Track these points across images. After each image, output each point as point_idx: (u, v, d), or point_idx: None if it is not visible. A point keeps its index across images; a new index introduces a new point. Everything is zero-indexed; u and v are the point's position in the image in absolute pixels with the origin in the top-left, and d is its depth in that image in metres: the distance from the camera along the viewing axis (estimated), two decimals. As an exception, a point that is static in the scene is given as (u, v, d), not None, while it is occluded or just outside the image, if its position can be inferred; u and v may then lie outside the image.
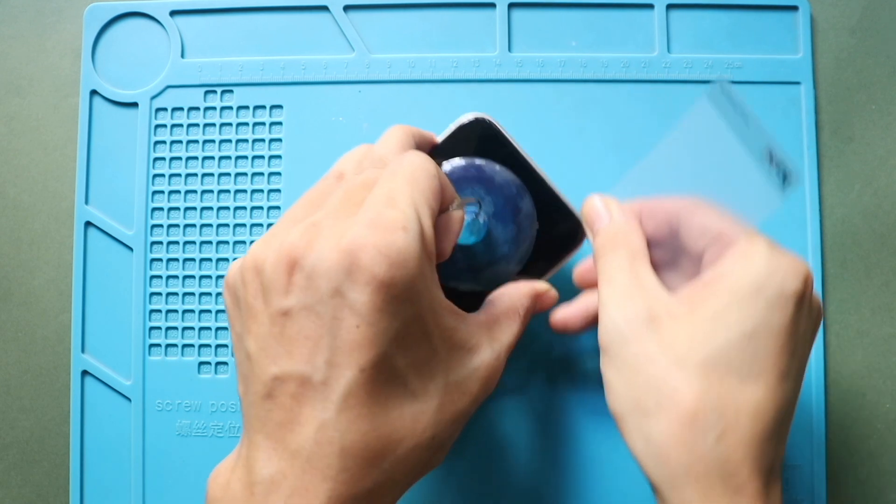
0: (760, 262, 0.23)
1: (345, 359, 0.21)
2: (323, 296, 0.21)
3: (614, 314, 0.25)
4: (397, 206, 0.22)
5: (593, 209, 0.28)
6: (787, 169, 0.23)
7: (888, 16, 0.36)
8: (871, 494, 0.34)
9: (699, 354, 0.23)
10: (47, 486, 0.36)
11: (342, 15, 0.36)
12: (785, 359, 0.23)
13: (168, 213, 0.35)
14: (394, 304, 0.21)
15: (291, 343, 0.21)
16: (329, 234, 0.21)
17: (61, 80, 0.37)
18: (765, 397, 0.23)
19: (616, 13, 0.36)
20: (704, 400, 0.22)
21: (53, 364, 0.36)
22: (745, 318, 0.23)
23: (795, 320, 0.23)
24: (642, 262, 0.26)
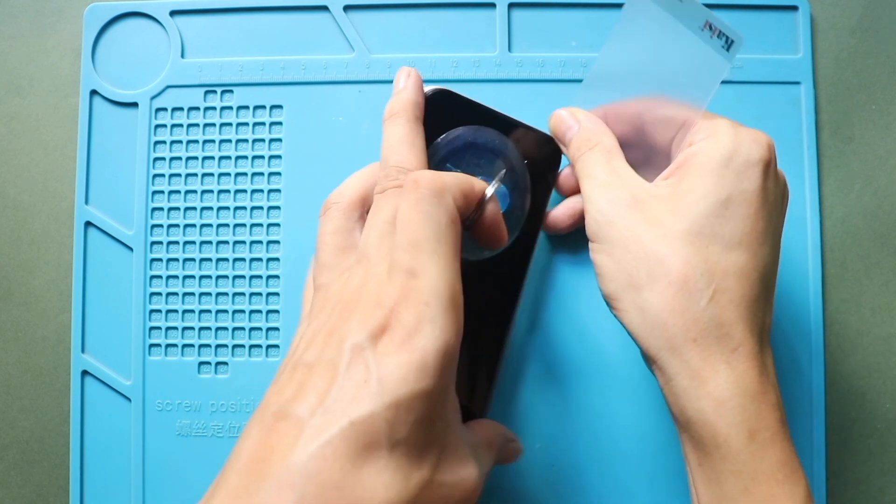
0: (726, 137, 0.26)
1: (340, 408, 0.21)
2: (345, 349, 0.22)
3: (599, 202, 0.27)
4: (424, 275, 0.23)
5: (561, 121, 0.31)
6: (728, 35, 0.25)
7: (888, 16, 0.36)
8: (871, 494, 0.34)
9: (682, 225, 0.25)
10: (47, 486, 0.36)
11: (342, 15, 0.36)
12: (761, 223, 0.25)
13: (168, 213, 0.36)
14: (405, 369, 0.21)
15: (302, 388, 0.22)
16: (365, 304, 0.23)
17: (61, 80, 0.37)
18: (749, 261, 0.25)
19: (616, 13, 0.36)
20: (693, 265, 0.24)
21: (53, 364, 0.36)
22: (719, 187, 0.25)
23: (764, 186, 0.25)
24: (617, 157, 0.28)
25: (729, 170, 0.25)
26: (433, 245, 0.23)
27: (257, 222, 0.35)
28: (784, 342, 0.34)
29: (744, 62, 0.35)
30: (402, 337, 0.22)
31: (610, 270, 0.26)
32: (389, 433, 0.21)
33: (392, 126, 0.28)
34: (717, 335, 0.24)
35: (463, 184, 0.25)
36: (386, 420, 0.21)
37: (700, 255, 0.24)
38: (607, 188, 0.27)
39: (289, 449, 0.20)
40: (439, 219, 0.24)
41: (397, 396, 0.21)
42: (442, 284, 0.23)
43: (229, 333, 0.35)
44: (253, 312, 0.35)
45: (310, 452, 0.20)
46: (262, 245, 0.35)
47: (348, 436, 0.20)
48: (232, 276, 0.35)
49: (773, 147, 0.26)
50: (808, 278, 0.34)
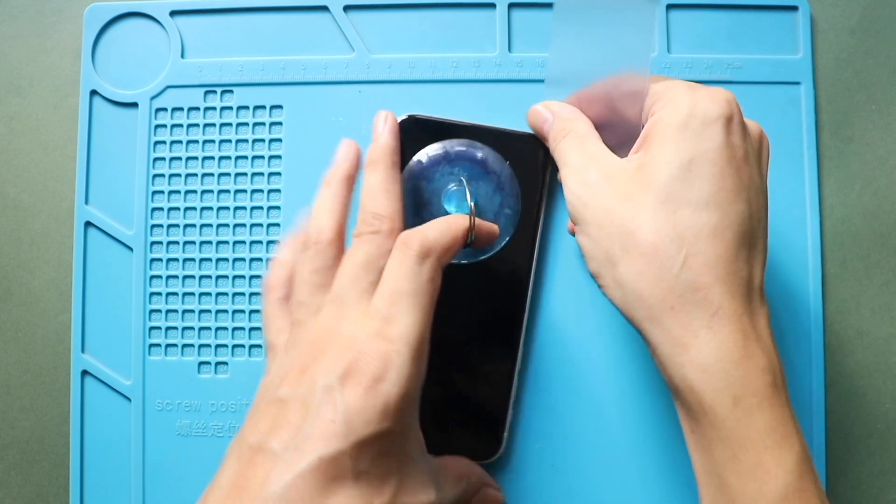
0: (682, 100, 0.25)
1: (310, 445, 0.23)
2: (316, 389, 0.24)
3: (574, 186, 0.27)
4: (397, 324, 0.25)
5: (537, 115, 0.31)
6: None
7: (888, 16, 0.36)
8: (871, 494, 0.34)
9: (649, 194, 0.25)
10: (47, 486, 0.36)
11: (342, 15, 0.36)
12: (729, 180, 0.25)
13: (168, 213, 0.36)
14: (371, 412, 0.23)
15: (276, 423, 0.24)
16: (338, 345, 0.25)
17: (61, 80, 0.37)
18: (721, 221, 0.24)
19: (616, 13, 0.36)
20: (662, 232, 0.24)
21: (53, 364, 0.36)
22: (679, 151, 0.25)
23: (728, 142, 0.25)
24: (591, 140, 0.28)
25: (688, 131, 0.25)
26: (410, 298, 0.25)
27: (257, 222, 0.35)
28: (784, 342, 0.34)
29: (744, 62, 0.35)
30: (368, 381, 0.24)
31: (590, 250, 0.26)
32: (354, 466, 0.23)
33: (371, 174, 0.30)
34: (694, 300, 0.24)
35: (448, 240, 0.27)
36: (351, 457, 0.23)
37: (669, 222, 0.24)
38: (580, 171, 0.27)
39: (264, 480, 0.23)
40: (421, 278, 0.26)
41: (362, 436, 0.23)
42: (413, 334, 0.25)
43: (229, 333, 0.35)
44: (253, 312, 0.35)
45: (284, 483, 0.23)
46: (261, 245, 0.35)
47: (317, 469, 0.23)
48: (232, 276, 0.35)
49: (734, 102, 0.26)
50: (808, 278, 0.34)
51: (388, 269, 0.26)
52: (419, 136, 0.34)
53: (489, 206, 0.33)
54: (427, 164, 0.33)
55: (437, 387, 0.33)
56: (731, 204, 0.24)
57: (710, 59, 0.35)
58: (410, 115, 0.34)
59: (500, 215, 0.33)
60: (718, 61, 0.35)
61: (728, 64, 0.35)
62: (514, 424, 0.34)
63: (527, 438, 0.34)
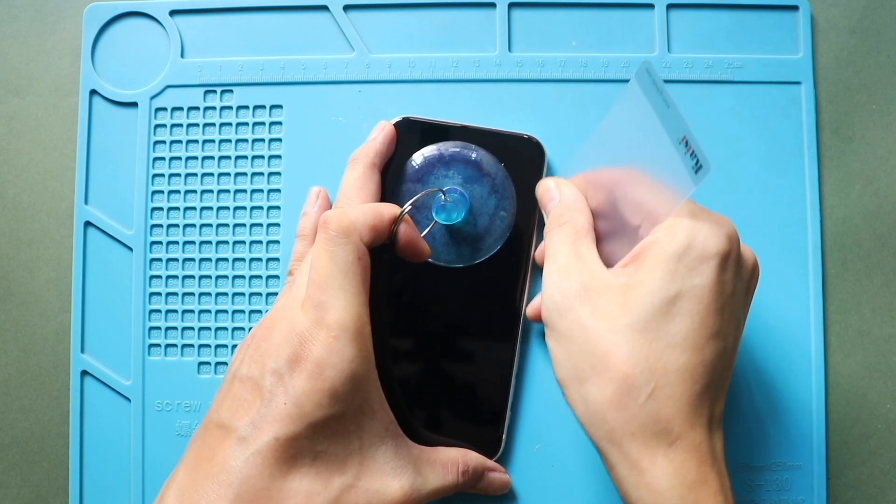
0: (682, 230, 0.25)
1: (267, 426, 0.25)
2: (266, 373, 0.25)
3: (552, 290, 0.27)
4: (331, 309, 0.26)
5: (546, 191, 0.31)
6: (700, 158, 0.24)
7: (888, 16, 0.36)
8: (871, 494, 0.34)
9: (627, 319, 0.24)
10: (47, 486, 0.36)
11: (342, 15, 0.36)
12: (711, 319, 0.24)
13: (168, 213, 0.35)
14: (319, 395, 0.25)
15: (237, 403, 0.26)
16: (282, 327, 0.26)
17: (61, 80, 0.37)
18: (692, 359, 0.24)
19: (616, 13, 0.36)
20: (634, 362, 0.24)
21: (53, 364, 0.36)
22: (668, 283, 0.24)
23: (720, 280, 0.24)
24: (584, 238, 0.28)
25: (681, 264, 0.24)
26: (339, 281, 0.26)
27: (257, 222, 0.35)
28: (784, 342, 0.34)
29: (744, 62, 0.35)
30: (312, 367, 0.25)
31: (559, 359, 0.26)
32: (310, 447, 0.25)
33: (350, 171, 0.32)
34: (655, 430, 0.24)
35: (371, 218, 0.28)
36: (306, 438, 0.25)
37: (642, 353, 0.24)
38: (562, 274, 0.27)
39: (225, 456, 0.25)
40: (344, 257, 0.26)
41: (314, 419, 0.25)
42: (348, 317, 0.26)
43: (229, 333, 0.35)
44: (253, 312, 0.35)
45: (243, 460, 0.24)
46: (261, 245, 0.35)
47: (274, 448, 0.24)
48: (232, 276, 0.35)
49: (734, 236, 0.25)
50: (808, 278, 0.34)
51: (314, 252, 0.27)
52: (414, 137, 0.34)
53: (484, 208, 0.33)
54: (421, 167, 0.33)
55: (436, 388, 0.33)
56: (707, 344, 0.24)
57: (711, 58, 0.35)
58: (405, 117, 0.34)
59: (495, 217, 0.33)
60: (719, 61, 0.35)
61: (728, 64, 0.35)
62: (514, 424, 0.34)
63: (527, 438, 0.34)
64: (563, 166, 0.35)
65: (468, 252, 0.32)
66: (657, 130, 0.25)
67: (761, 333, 0.34)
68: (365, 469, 0.26)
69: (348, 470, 0.26)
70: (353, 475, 0.26)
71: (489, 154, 0.33)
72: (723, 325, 0.25)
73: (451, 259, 0.33)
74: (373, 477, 0.26)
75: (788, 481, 0.34)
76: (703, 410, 0.24)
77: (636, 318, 0.24)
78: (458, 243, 0.33)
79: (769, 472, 0.34)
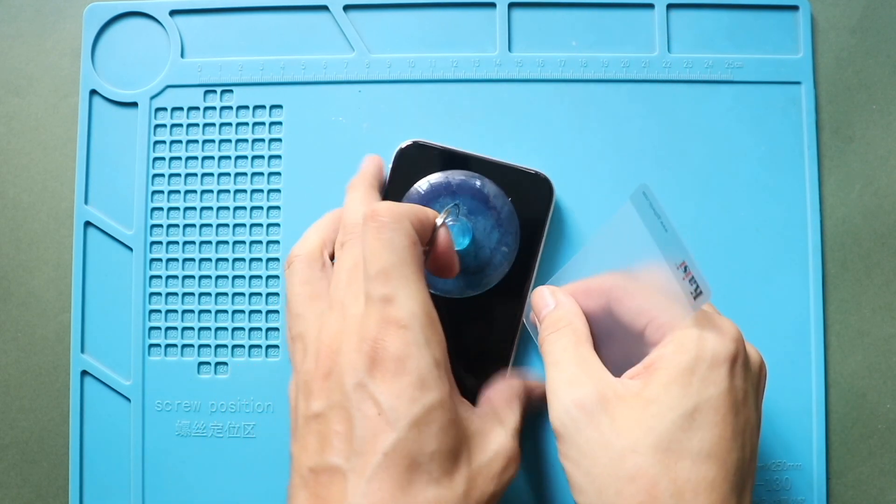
0: (690, 341, 0.24)
1: (369, 446, 0.23)
2: (348, 391, 0.24)
3: (564, 398, 0.26)
4: (396, 301, 0.24)
5: (541, 298, 0.30)
6: (699, 285, 0.24)
7: (888, 16, 0.36)
8: (871, 494, 0.34)
9: (650, 439, 0.24)
10: (47, 486, 0.36)
11: (342, 15, 0.36)
12: (730, 427, 0.24)
13: (168, 213, 0.35)
14: (409, 390, 0.23)
15: (324, 438, 0.24)
16: (350, 340, 0.25)
17: (61, 80, 0.37)
18: (719, 473, 0.24)
19: (616, 13, 0.36)
20: (660, 485, 0.23)
21: (53, 364, 0.36)
22: (684, 398, 0.24)
23: (731, 386, 0.24)
24: (586, 345, 0.27)
25: (695, 377, 0.24)
26: (399, 269, 0.25)
27: (257, 222, 0.35)
28: (784, 342, 0.34)
29: (744, 62, 0.35)
30: (394, 365, 0.24)
31: (580, 483, 0.25)
32: (421, 449, 0.23)
33: (351, 194, 0.31)
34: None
35: (418, 211, 0.27)
36: (413, 440, 0.23)
37: (667, 475, 0.23)
38: (573, 385, 0.26)
39: (341, 497, 0.23)
40: (401, 242, 0.25)
41: (413, 416, 0.23)
42: (416, 305, 0.25)
43: (229, 333, 0.35)
44: (253, 312, 0.35)
45: (361, 493, 0.22)
46: (261, 245, 0.35)
47: (386, 467, 0.23)
48: (232, 276, 0.35)
49: (740, 339, 0.25)
50: (809, 278, 0.34)
51: (365, 246, 0.26)
52: (422, 162, 0.33)
53: (487, 241, 0.32)
54: (427, 193, 0.32)
55: None
56: (729, 453, 0.24)
57: (711, 58, 0.35)
58: (414, 141, 0.33)
59: (496, 252, 0.32)
60: (719, 61, 0.35)
61: (728, 64, 0.35)
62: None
63: (527, 438, 0.34)
64: (572, 203, 0.34)
65: (464, 284, 0.32)
66: (654, 254, 0.25)
67: (761, 333, 0.34)
68: (472, 449, 0.25)
69: (462, 460, 0.25)
70: (467, 462, 0.25)
71: (497, 187, 0.32)
72: (739, 431, 0.24)
73: (448, 289, 0.32)
74: (478, 452, 0.25)
75: (788, 481, 0.34)
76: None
77: (659, 437, 0.24)
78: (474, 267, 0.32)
79: (769, 472, 0.34)
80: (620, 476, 0.24)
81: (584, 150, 0.35)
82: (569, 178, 0.35)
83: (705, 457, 0.24)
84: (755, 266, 0.34)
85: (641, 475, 0.23)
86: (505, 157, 0.34)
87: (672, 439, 0.24)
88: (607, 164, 0.35)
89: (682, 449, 0.24)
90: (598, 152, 0.35)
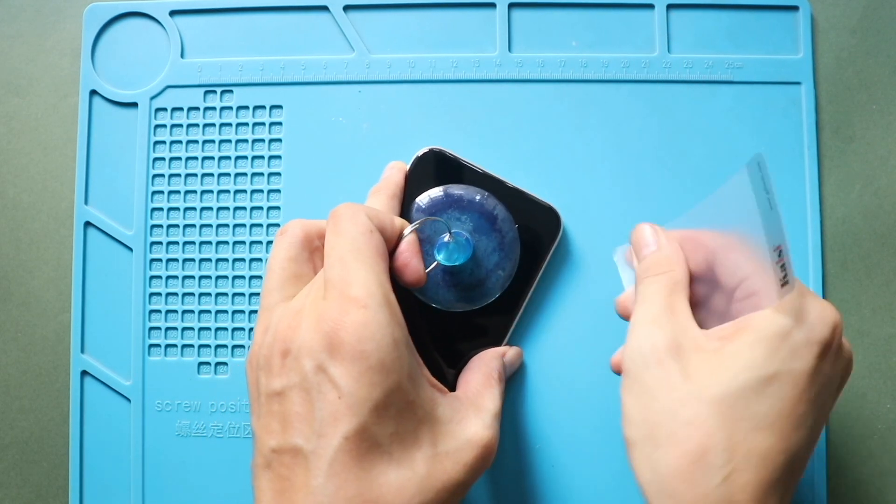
0: (791, 310, 0.23)
1: (329, 428, 0.23)
2: (308, 373, 0.24)
3: (641, 337, 0.25)
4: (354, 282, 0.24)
5: (642, 236, 0.29)
6: (787, 274, 0.23)
7: (888, 16, 0.36)
8: (871, 494, 0.34)
9: (716, 390, 0.23)
10: (47, 486, 0.36)
11: (342, 15, 0.36)
12: (802, 406, 0.23)
13: (168, 213, 0.35)
14: (369, 374, 0.23)
15: (286, 419, 0.24)
16: (309, 319, 0.24)
17: (61, 80, 0.37)
18: (776, 445, 0.23)
19: (616, 13, 0.36)
20: (715, 438, 0.23)
21: (53, 364, 0.36)
22: (767, 362, 0.23)
23: (818, 368, 0.23)
24: (680, 293, 0.26)
25: (783, 346, 0.23)
26: (355, 255, 0.25)
27: (257, 222, 0.35)
28: (784, 342, 0.34)
29: (744, 62, 0.35)
30: (354, 348, 0.23)
31: (633, 415, 0.25)
32: (382, 431, 0.23)
33: (370, 199, 0.32)
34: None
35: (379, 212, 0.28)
36: (374, 423, 0.23)
37: (724, 431, 0.23)
38: (654, 325, 0.25)
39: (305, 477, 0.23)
40: (356, 232, 0.26)
41: (374, 401, 0.23)
42: (374, 286, 0.25)
43: (229, 333, 0.35)
44: (253, 313, 0.35)
45: (324, 473, 0.23)
46: (261, 245, 0.35)
47: (347, 450, 0.23)
48: (232, 277, 0.35)
49: (840, 327, 0.24)
50: (809, 278, 0.34)
51: (327, 240, 0.26)
52: (437, 170, 0.33)
53: (485, 261, 0.32)
54: (436, 201, 0.32)
55: None
56: (794, 430, 0.23)
57: (711, 59, 0.35)
58: (432, 148, 0.33)
59: (492, 274, 0.32)
60: (719, 61, 0.35)
61: (728, 64, 0.35)
62: (514, 426, 0.34)
63: (527, 438, 0.34)
64: (572, 203, 0.34)
65: (454, 298, 0.32)
66: (757, 229, 0.24)
67: (761, 333, 0.34)
68: (437, 434, 0.25)
69: (423, 442, 0.25)
70: (430, 444, 0.25)
71: (507, 211, 0.32)
72: (810, 413, 0.23)
73: (438, 300, 0.32)
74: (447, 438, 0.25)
75: (788, 481, 0.33)
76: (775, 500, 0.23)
77: (726, 391, 0.23)
78: (448, 287, 0.32)
79: (769, 473, 0.34)
80: (678, 418, 0.23)
81: (584, 151, 0.35)
82: (568, 178, 0.35)
83: (768, 425, 0.23)
84: (755, 266, 0.34)
85: (699, 423, 0.23)
86: (505, 156, 0.34)
87: (741, 397, 0.23)
88: (607, 164, 0.35)
89: (749, 410, 0.23)
90: (598, 152, 0.35)
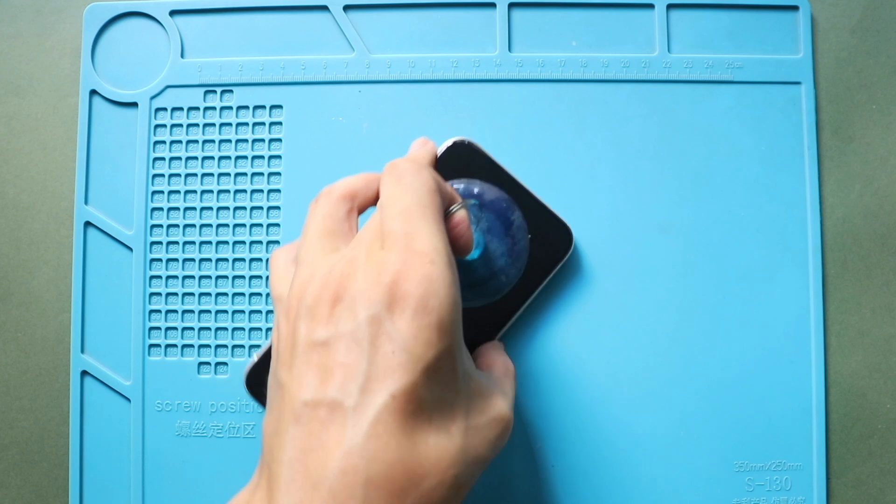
0: None
1: (378, 384, 0.21)
2: (361, 323, 0.22)
3: None
4: (420, 237, 0.23)
5: None
6: None
7: (888, 16, 0.36)
8: (871, 494, 0.34)
9: None
10: (47, 486, 0.36)
11: (342, 15, 0.36)
12: None
13: (168, 213, 0.35)
14: (428, 331, 0.22)
15: (327, 370, 0.22)
16: (368, 268, 0.22)
17: (61, 80, 0.37)
18: None
19: (616, 13, 0.36)
20: None
21: (53, 364, 0.36)
22: None
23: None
24: None
25: None
26: (421, 210, 0.23)
27: (257, 222, 0.35)
28: (784, 342, 0.34)
29: (744, 62, 0.35)
30: (417, 302, 0.22)
31: None
32: (427, 396, 0.22)
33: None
34: None
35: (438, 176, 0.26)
36: (423, 385, 0.21)
37: None
38: None
39: (340, 435, 0.21)
40: (422, 188, 0.24)
41: (427, 361, 0.21)
42: (440, 242, 0.23)
43: (229, 333, 0.35)
44: (253, 312, 0.35)
45: (363, 433, 0.21)
46: (261, 245, 0.35)
47: (393, 409, 0.21)
48: (232, 277, 0.35)
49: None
50: (809, 278, 0.34)
51: (384, 193, 0.24)
52: (463, 163, 0.33)
53: (491, 264, 0.32)
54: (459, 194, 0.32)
55: None
56: None
57: (711, 58, 0.35)
58: (461, 139, 0.33)
59: (494, 278, 0.32)
60: (719, 61, 0.35)
61: (728, 64, 0.35)
62: (514, 424, 0.34)
63: (527, 438, 0.34)
64: (572, 204, 0.34)
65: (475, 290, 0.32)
66: None
67: (761, 333, 0.34)
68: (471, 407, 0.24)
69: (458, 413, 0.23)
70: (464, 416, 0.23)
71: (523, 219, 0.32)
72: None
73: None
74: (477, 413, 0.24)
75: (788, 481, 0.34)
76: None
77: None
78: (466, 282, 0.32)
79: (769, 472, 0.34)
80: None
81: (584, 151, 0.35)
82: (569, 178, 0.35)
83: None
84: (755, 266, 0.34)
85: None
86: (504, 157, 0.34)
87: None
88: (607, 163, 0.35)
89: None
90: (598, 152, 0.35)
